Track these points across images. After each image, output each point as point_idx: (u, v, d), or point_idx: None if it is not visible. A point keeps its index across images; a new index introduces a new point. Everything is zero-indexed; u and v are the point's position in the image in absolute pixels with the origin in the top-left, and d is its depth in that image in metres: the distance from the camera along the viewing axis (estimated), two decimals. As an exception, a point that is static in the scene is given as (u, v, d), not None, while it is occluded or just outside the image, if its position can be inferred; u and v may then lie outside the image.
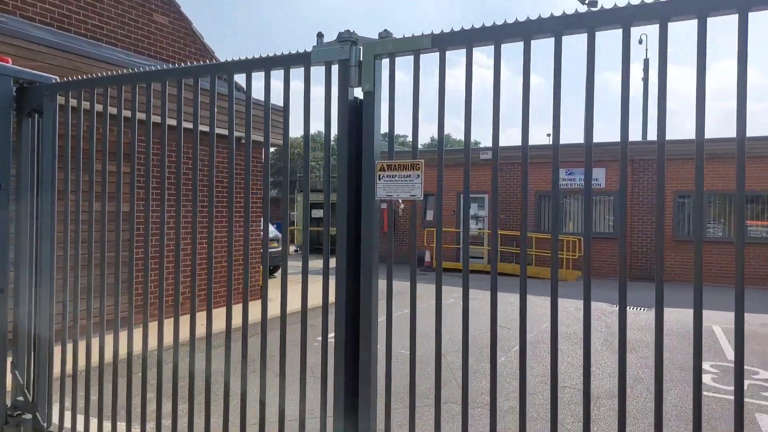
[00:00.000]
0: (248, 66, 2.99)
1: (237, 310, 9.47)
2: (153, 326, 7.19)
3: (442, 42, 2.61)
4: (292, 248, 22.80)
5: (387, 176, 2.83)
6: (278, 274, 14.79)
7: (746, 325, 8.37)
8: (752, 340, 8.42)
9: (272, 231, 14.71)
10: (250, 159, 3.03)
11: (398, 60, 2.79)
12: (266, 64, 2.98)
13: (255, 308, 9.83)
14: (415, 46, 2.67)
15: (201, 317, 8.77)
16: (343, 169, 2.85)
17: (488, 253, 17.56)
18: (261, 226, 10.82)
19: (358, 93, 2.87)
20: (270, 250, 13.79)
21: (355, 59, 2.80)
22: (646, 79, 24.82)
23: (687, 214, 15.44)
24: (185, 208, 8.48)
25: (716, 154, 14.91)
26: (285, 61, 2.95)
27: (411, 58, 2.74)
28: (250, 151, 3.03)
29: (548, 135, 23.59)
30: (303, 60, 2.90)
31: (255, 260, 10.76)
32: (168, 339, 4.36)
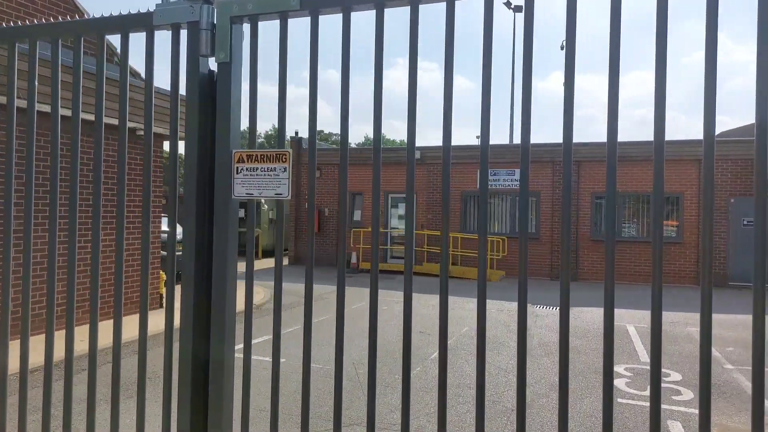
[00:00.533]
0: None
1: (131, 321, 8.61)
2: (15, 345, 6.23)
3: (313, 3, 2.09)
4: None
5: (247, 170, 2.27)
6: (190, 278, 13.77)
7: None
8: (663, 339, 8.54)
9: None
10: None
11: (267, 25, 2.25)
12: (99, 27, 2.35)
13: (151, 320, 8.90)
14: (282, 7, 2.14)
15: (83, 332, 7.81)
16: (192, 159, 2.27)
17: (415, 253, 17.33)
18: (160, 227, 9.87)
19: (213, 64, 2.30)
20: (179, 253, 12.77)
21: (206, 22, 2.22)
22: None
23: (604, 215, 15.87)
24: (63, 206, 7.50)
25: (630, 157, 15.41)
26: (122, 24, 2.33)
27: (278, 22, 2.20)
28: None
29: (477, 137, 23.75)
30: (144, 22, 2.30)
31: (153, 266, 9.81)
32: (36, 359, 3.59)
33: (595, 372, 6.70)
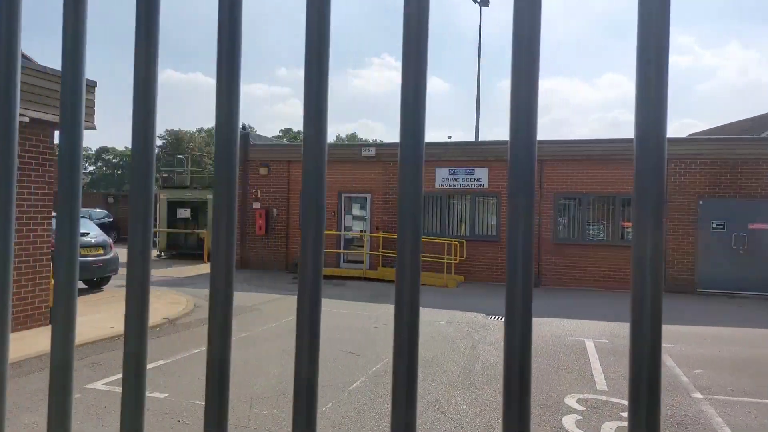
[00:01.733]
0: None
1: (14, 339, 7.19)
2: None
3: None
4: (155, 253, 20.14)
5: None
6: (107, 287, 12.39)
7: (617, 339, 7.17)
8: (623, 356, 7.55)
9: (96, 232, 12.22)
10: None
11: None
12: None
13: (40, 338, 7.63)
14: None
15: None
16: None
17: (369, 257, 16.20)
18: (50, 226, 8.51)
19: None
20: (89, 258, 11.39)
21: None
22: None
23: (572, 216, 14.97)
24: None
25: (597, 156, 14.54)
26: None
27: None
28: None
29: (449, 137, 22.67)
30: None
31: (42, 273, 8.42)
32: None
33: (540, 407, 5.64)
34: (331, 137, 59.97)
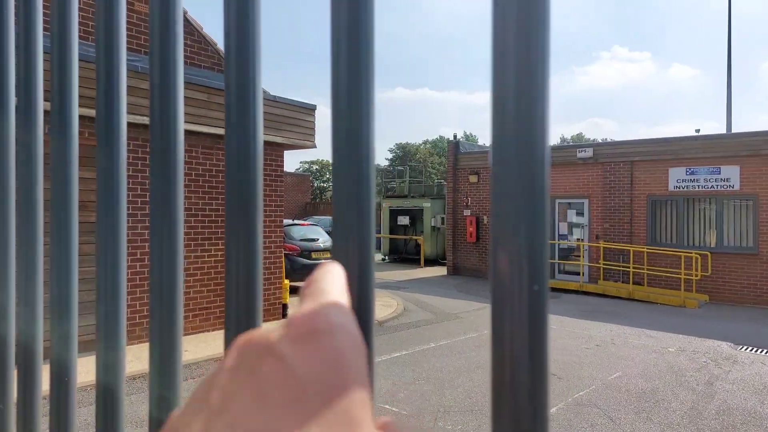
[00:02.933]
0: None
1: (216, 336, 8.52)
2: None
3: None
4: (378, 257, 21.74)
5: None
6: (334, 287, 13.66)
7: None
8: None
9: (324, 238, 13.61)
10: None
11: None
12: None
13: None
14: None
15: (193, 341, 7.88)
16: None
17: (588, 269, 14.84)
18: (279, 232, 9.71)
19: None
20: (320, 261, 12.72)
21: None
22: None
23: None
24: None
25: None
26: None
27: None
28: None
29: (697, 131, 19.60)
30: None
31: (276, 273, 9.66)
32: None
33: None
34: (554, 139, 57.34)
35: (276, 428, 0.22)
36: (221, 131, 7.33)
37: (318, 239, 13.39)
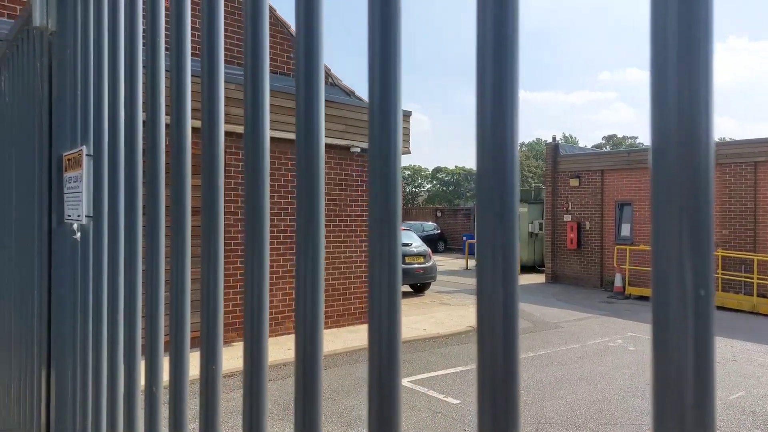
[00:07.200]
0: None
1: (341, 333, 8.75)
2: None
3: None
4: (472, 263, 21.44)
5: (73, 180, 1.60)
6: (428, 291, 13.67)
7: None
8: None
9: (417, 243, 13.64)
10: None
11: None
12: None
13: (362, 334, 8.94)
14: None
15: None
16: (29, 165, 1.73)
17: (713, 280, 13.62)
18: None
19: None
20: (413, 265, 12.78)
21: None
22: None
23: None
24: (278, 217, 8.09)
25: None
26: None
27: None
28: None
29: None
30: None
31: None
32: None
33: None
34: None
35: None
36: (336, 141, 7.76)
37: (412, 244, 13.48)
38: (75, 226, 1.45)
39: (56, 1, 1.57)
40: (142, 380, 1.06)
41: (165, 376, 0.95)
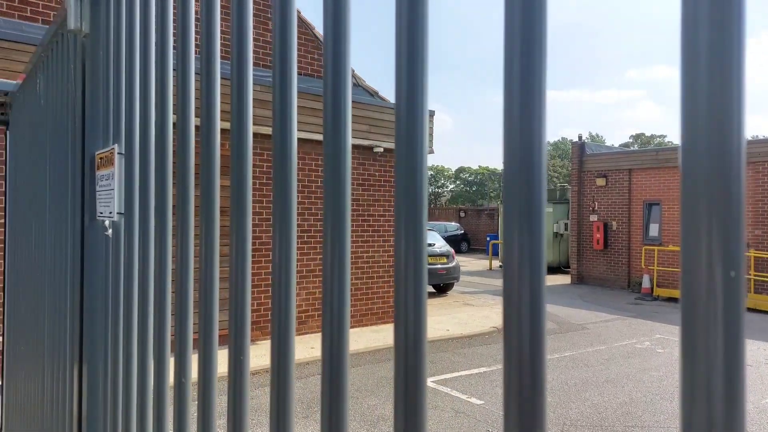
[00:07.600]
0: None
1: (364, 332, 8.81)
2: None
3: None
4: (496, 264, 21.28)
5: (106, 177, 1.65)
6: (451, 292, 13.61)
7: None
8: None
9: (440, 243, 13.58)
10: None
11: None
12: None
13: (385, 334, 8.98)
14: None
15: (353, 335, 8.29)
16: (63, 164, 1.79)
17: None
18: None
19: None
20: (437, 266, 12.73)
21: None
22: None
23: None
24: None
25: None
26: None
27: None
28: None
29: None
30: None
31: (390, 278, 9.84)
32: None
33: None
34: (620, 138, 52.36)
35: None
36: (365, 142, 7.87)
37: (435, 244, 13.43)
38: (107, 222, 1.49)
39: (90, 5, 1.61)
40: (171, 377, 1.08)
41: (193, 373, 0.97)
